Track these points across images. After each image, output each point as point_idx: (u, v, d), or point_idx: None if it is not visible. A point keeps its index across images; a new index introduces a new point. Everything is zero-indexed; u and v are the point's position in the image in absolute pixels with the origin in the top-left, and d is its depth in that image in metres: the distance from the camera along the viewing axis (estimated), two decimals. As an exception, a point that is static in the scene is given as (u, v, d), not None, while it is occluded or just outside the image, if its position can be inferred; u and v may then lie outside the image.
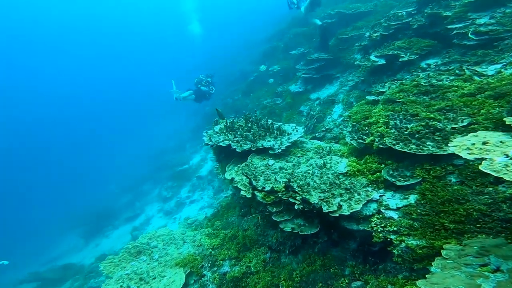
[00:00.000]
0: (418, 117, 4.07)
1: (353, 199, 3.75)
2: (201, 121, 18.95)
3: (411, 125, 4.02)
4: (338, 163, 4.48)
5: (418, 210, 3.38)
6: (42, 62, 50.25)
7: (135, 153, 28.55)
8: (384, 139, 3.92)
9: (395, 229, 3.39)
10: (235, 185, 4.36)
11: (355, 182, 4.02)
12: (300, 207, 3.70)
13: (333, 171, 4.29)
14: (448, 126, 3.73)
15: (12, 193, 34.09)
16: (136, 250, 6.02)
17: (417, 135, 3.78)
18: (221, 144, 5.66)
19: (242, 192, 4.19)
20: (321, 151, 5.23)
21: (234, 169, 5.00)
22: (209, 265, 5.61)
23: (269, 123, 5.89)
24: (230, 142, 5.60)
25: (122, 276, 5.26)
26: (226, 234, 6.45)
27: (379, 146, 3.94)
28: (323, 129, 7.66)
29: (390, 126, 4.09)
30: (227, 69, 21.55)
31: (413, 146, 3.67)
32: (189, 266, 5.53)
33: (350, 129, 4.72)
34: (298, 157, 5.17)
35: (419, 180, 3.61)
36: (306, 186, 4.06)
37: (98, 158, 34.68)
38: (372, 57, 7.04)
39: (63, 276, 13.62)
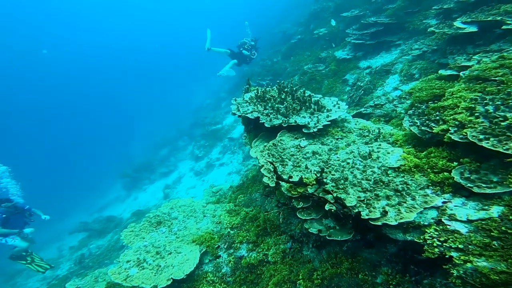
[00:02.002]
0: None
1: (405, 205, 2.83)
2: (238, 80, 18.20)
3: None
4: (388, 153, 3.47)
5: (503, 228, 2.42)
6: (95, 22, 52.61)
7: (177, 107, 29.61)
8: (466, 130, 2.78)
9: (461, 246, 2.49)
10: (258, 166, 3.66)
11: (410, 182, 3.04)
12: (332, 208, 2.91)
13: (380, 164, 3.33)
14: None
15: (68, 147, 38.56)
16: (157, 220, 5.92)
17: (519, 129, 2.59)
18: (249, 116, 4.91)
19: (265, 180, 3.50)
20: (367, 133, 4.20)
21: (260, 148, 4.28)
22: (225, 246, 5.27)
23: (306, 95, 4.92)
24: (259, 115, 4.82)
25: (140, 248, 5.19)
26: (247, 213, 6.00)
27: (455, 139, 2.82)
28: (371, 103, 6.39)
29: (476, 114, 2.90)
30: (270, 30, 20.08)
31: (512, 145, 2.52)
32: (205, 245, 5.25)
33: (411, 111, 3.58)
34: (337, 139, 4.23)
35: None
36: (342, 181, 3.21)
37: (147, 112, 37.03)
38: (458, 23, 5.38)
39: (106, 228, 15.08)
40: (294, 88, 5.11)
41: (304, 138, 4.24)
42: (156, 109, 36.15)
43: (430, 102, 3.65)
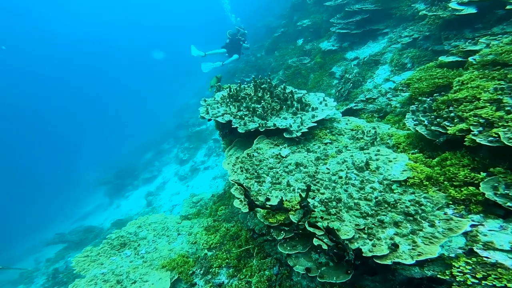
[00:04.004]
0: None
1: (421, 234, 2.12)
2: (224, 78, 17.45)
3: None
4: (390, 161, 2.75)
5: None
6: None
7: (162, 108, 28.42)
8: (496, 130, 2.08)
9: (510, 285, 1.81)
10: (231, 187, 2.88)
11: (424, 201, 2.33)
12: (322, 244, 2.16)
13: (382, 177, 2.60)
14: None
15: (46, 151, 36.48)
16: (120, 242, 5.05)
17: None
18: (220, 119, 4.09)
19: (236, 203, 2.72)
20: (360, 135, 3.47)
21: (233, 160, 3.48)
22: (201, 271, 4.48)
23: (287, 92, 4.14)
24: (232, 118, 4.01)
25: (96, 276, 4.32)
26: (227, 229, 5.23)
27: (482, 143, 2.11)
28: (362, 97, 5.69)
29: (507, 108, 2.20)
30: (253, 24, 19.26)
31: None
32: (177, 271, 4.45)
33: (413, 106, 2.87)
34: (326, 144, 3.48)
35: None
36: (334, 203, 2.46)
37: (131, 114, 35.49)
38: (454, 4, 4.72)
39: (84, 239, 14.02)
40: (273, 84, 4.33)
41: (285, 145, 3.47)
42: (140, 110, 34.69)
43: (435, 94, 2.95)
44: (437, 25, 5.66)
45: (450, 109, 2.53)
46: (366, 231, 2.23)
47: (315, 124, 3.62)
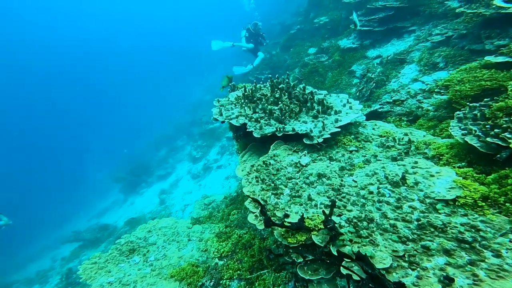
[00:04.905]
0: None
1: (484, 266, 1.74)
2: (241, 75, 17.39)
3: None
4: (432, 176, 2.35)
5: None
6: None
7: (176, 104, 28.50)
8: None
9: None
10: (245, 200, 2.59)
11: (482, 225, 1.94)
12: (352, 274, 1.82)
13: (423, 194, 2.22)
14: None
15: (68, 149, 37.52)
16: (129, 248, 4.88)
17: None
18: (234, 122, 3.80)
19: (251, 218, 2.42)
20: (391, 143, 3.07)
21: (247, 167, 3.19)
22: (211, 283, 4.22)
23: (306, 92, 3.80)
24: (247, 120, 3.72)
25: (102, 285, 4.15)
26: (240, 237, 4.95)
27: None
28: (387, 98, 5.24)
29: None
30: (268, 21, 18.95)
31: None
32: (186, 281, 4.21)
33: (460, 112, 2.46)
34: (351, 152, 3.12)
35: None
36: (365, 223, 2.11)
37: (146, 111, 35.80)
38: (499, 1, 4.22)
39: (100, 237, 14.19)
40: (292, 84, 3.99)
41: (305, 152, 3.13)
42: (155, 106, 34.89)
43: (486, 99, 2.51)
44: (475, 23, 5.14)
45: (511, 118, 2.10)
46: (406, 259, 1.87)
47: (339, 129, 3.26)
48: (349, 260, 1.93)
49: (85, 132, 39.16)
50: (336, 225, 2.04)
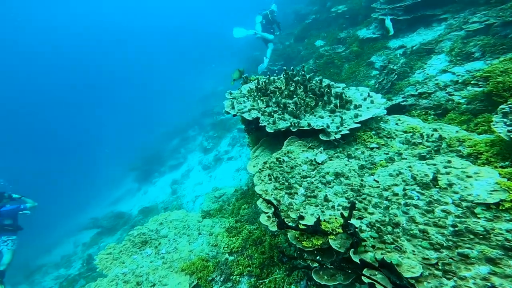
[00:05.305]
0: None
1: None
2: (249, 66, 17.06)
3: None
4: (469, 177, 2.11)
5: None
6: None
7: (189, 94, 28.68)
8: None
9: None
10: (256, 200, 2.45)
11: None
12: (375, 282, 1.64)
13: (458, 197, 1.99)
14: None
15: (85, 137, 38.80)
16: (142, 240, 4.91)
17: None
18: (246, 116, 3.64)
19: (263, 219, 2.27)
20: (418, 140, 2.81)
21: (260, 163, 3.03)
22: (221, 279, 4.17)
23: (323, 85, 3.56)
24: (260, 114, 3.54)
25: (117, 275, 4.20)
26: (250, 232, 4.87)
27: None
28: (411, 91, 4.89)
29: None
30: (281, 10, 18.45)
31: None
32: (196, 276, 4.18)
33: (506, 106, 2.18)
34: (371, 149, 2.89)
35: None
36: (390, 228, 1.91)
37: (159, 99, 36.28)
38: None
39: (116, 225, 14.63)
40: (308, 77, 3.76)
41: (322, 149, 2.93)
42: (168, 95, 35.10)
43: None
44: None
45: None
46: (440, 267, 1.66)
47: (358, 125, 3.02)
48: (372, 269, 1.76)
49: (103, 122, 40.33)
50: (357, 230, 1.85)
